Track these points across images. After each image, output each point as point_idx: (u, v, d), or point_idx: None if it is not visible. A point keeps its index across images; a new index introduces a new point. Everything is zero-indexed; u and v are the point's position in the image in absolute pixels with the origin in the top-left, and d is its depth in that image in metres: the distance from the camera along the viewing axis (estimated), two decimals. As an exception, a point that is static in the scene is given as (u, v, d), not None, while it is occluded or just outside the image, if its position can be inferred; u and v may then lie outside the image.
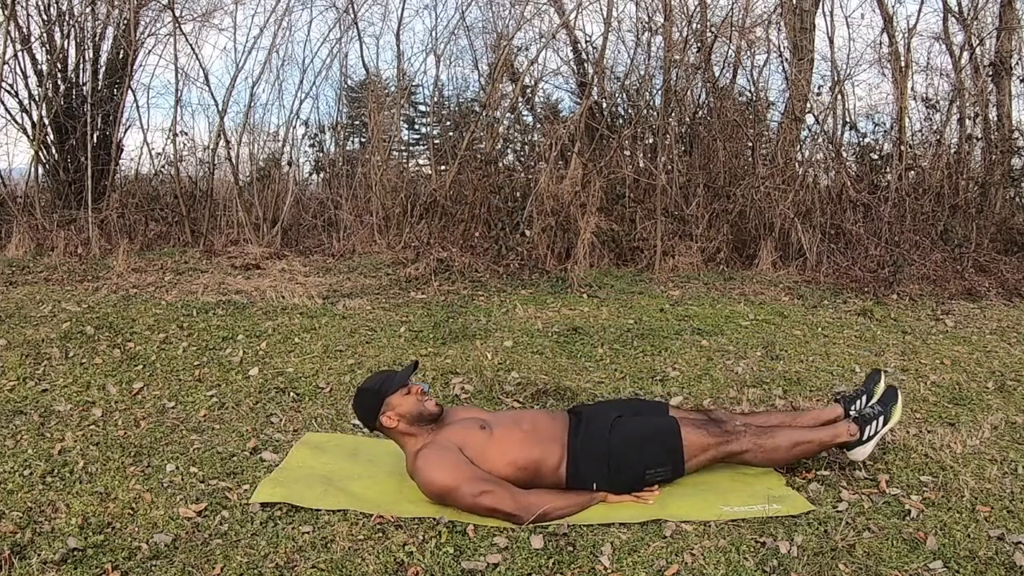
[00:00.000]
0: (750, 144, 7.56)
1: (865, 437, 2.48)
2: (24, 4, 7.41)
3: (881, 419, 2.52)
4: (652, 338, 4.14)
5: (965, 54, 7.50)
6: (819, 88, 7.64)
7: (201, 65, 9.97)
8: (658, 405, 2.65)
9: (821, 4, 7.67)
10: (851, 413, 2.60)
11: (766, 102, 7.88)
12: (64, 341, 3.87)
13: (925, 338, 4.32)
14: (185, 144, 7.82)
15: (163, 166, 7.90)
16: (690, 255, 6.28)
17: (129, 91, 7.70)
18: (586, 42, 8.38)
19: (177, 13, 7.25)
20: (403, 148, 10.50)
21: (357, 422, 2.84)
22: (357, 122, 9.19)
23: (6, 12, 7.08)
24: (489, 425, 2.35)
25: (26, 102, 7.63)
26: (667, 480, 2.37)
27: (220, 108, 7.26)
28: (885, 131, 7.34)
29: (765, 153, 7.63)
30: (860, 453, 2.50)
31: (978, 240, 6.29)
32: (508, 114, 8.06)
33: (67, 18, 7.68)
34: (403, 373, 2.42)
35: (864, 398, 2.65)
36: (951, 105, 7.36)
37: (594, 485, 2.30)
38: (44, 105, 7.46)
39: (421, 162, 9.83)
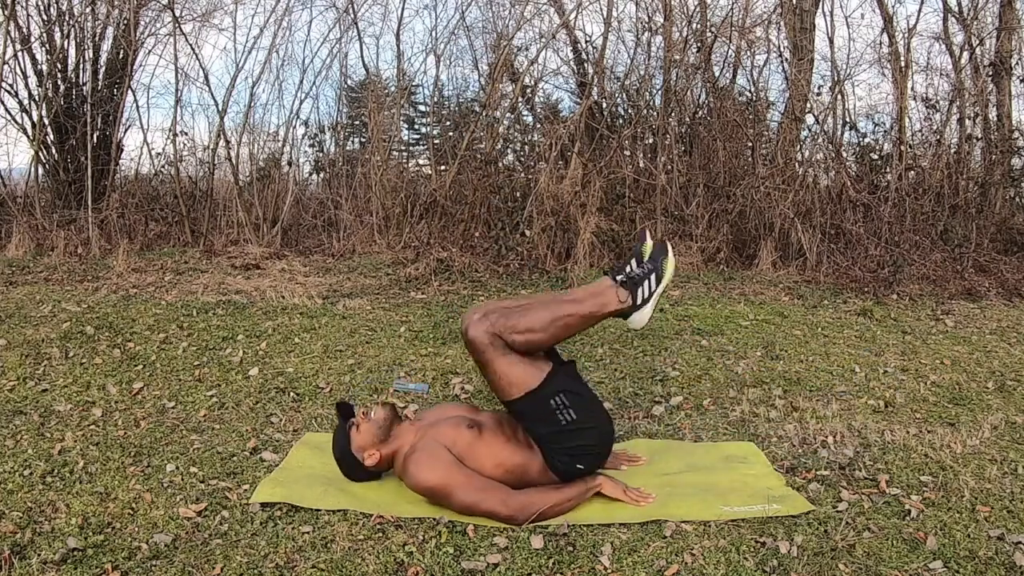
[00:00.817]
0: (750, 144, 7.57)
1: (639, 301, 2.33)
2: (24, 4, 7.42)
3: (653, 277, 2.35)
4: (652, 338, 4.14)
5: (965, 54, 7.50)
6: (819, 88, 7.65)
7: (201, 65, 9.99)
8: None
9: (821, 4, 7.67)
10: (619, 277, 2.39)
11: (766, 102, 7.88)
12: (64, 341, 3.87)
13: (925, 338, 4.32)
14: (185, 144, 7.83)
15: (163, 166, 7.91)
16: (690, 255, 6.28)
17: (129, 91, 7.70)
18: (586, 42, 8.40)
19: (177, 13, 7.26)
20: (403, 148, 10.50)
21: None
22: (357, 122, 9.19)
23: (6, 12, 7.08)
24: (478, 424, 2.33)
25: (26, 102, 7.64)
26: (568, 390, 2.25)
27: (220, 108, 7.26)
28: (885, 131, 7.34)
29: (765, 153, 7.64)
30: (638, 320, 2.36)
31: (978, 240, 6.29)
32: (508, 114, 8.06)
33: (67, 18, 7.69)
34: (341, 424, 2.40)
35: (633, 262, 2.44)
36: (951, 105, 7.36)
37: (578, 466, 2.28)
38: (44, 105, 7.46)
39: (421, 162, 9.84)
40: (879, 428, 2.87)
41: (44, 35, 7.68)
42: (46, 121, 7.54)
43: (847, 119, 7.48)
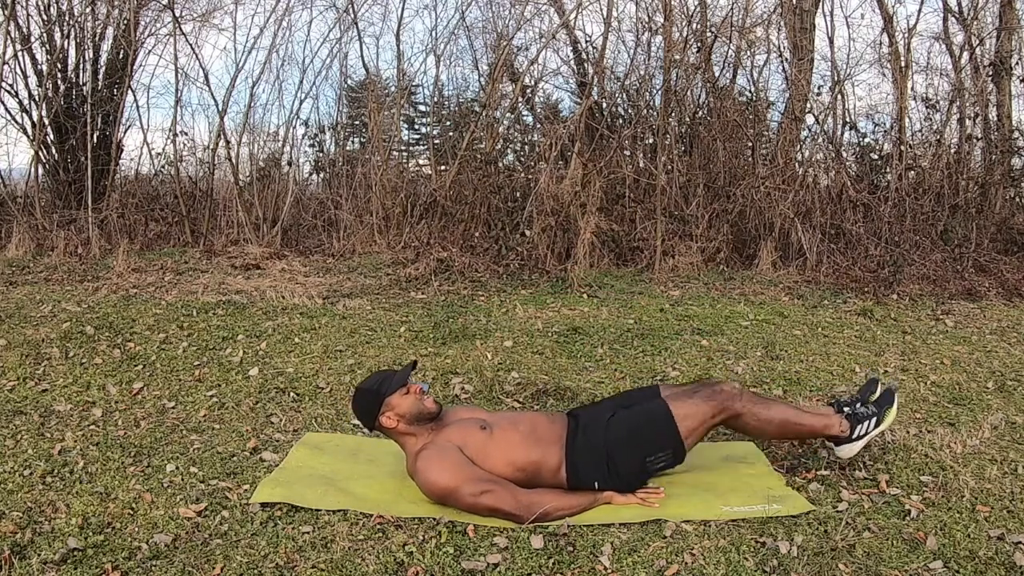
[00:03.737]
0: (750, 144, 7.57)
1: (855, 436, 2.46)
2: (24, 4, 7.41)
3: (874, 420, 2.50)
4: (652, 338, 4.14)
5: (965, 54, 7.50)
6: (819, 88, 7.65)
7: (201, 65, 9.97)
8: (650, 390, 2.59)
9: (821, 4, 7.67)
10: (845, 408, 2.57)
11: (766, 102, 7.88)
12: (64, 341, 3.87)
13: (925, 338, 4.32)
14: (185, 144, 7.83)
15: (163, 166, 7.91)
16: (690, 255, 6.28)
17: (129, 91, 7.70)
18: (586, 42, 8.39)
19: (177, 13, 7.26)
20: (403, 148, 10.50)
21: (357, 422, 2.84)
22: (357, 122, 9.19)
23: (6, 12, 7.08)
24: (489, 425, 2.34)
25: (26, 102, 7.64)
26: (670, 464, 2.35)
27: (220, 108, 7.26)
28: (885, 131, 7.35)
29: (765, 153, 7.64)
30: (847, 451, 2.49)
31: (978, 240, 6.29)
32: (508, 114, 8.06)
33: (67, 18, 7.69)
34: (402, 373, 2.41)
35: (858, 404, 2.63)
36: (951, 105, 7.36)
37: (595, 484, 2.30)
38: (44, 105, 7.46)
39: (421, 162, 9.83)
40: (879, 428, 2.87)
41: (44, 35, 7.68)
42: (46, 121, 7.54)
43: (847, 119, 7.48)
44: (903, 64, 7.39)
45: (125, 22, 7.59)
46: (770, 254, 6.36)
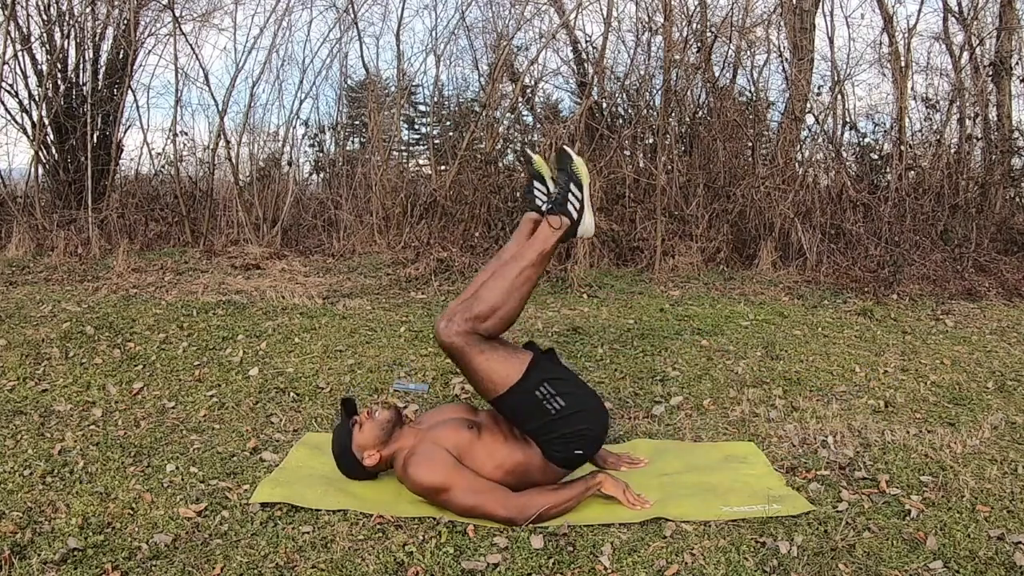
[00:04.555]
0: (750, 144, 7.57)
1: (575, 215, 2.33)
2: (24, 4, 7.42)
3: (571, 185, 2.33)
4: (652, 338, 4.14)
5: (965, 54, 7.50)
6: (819, 88, 7.65)
7: (201, 65, 9.99)
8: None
9: (821, 4, 7.67)
10: (542, 207, 2.39)
11: (766, 102, 7.89)
12: (64, 341, 3.87)
13: (925, 338, 4.32)
14: (185, 144, 7.84)
15: (163, 166, 7.92)
16: (690, 255, 6.29)
17: (129, 91, 7.71)
18: (586, 42, 8.40)
19: (177, 13, 7.26)
20: (403, 148, 10.50)
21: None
22: (357, 122, 9.20)
23: (6, 12, 7.08)
24: (477, 425, 2.32)
25: (26, 102, 7.65)
26: (550, 377, 2.23)
27: (220, 108, 7.26)
28: (885, 131, 7.36)
29: (765, 153, 7.64)
30: (586, 230, 2.35)
31: (978, 240, 6.29)
32: (508, 114, 8.06)
33: (67, 18, 7.69)
34: (344, 420, 2.38)
35: (544, 186, 2.46)
36: (951, 105, 7.36)
37: (577, 453, 2.26)
38: (44, 105, 7.46)
39: (421, 162, 9.84)
40: (879, 428, 2.87)
41: (44, 35, 7.68)
42: (46, 121, 7.54)
43: (847, 119, 7.48)
44: (903, 64, 7.39)
45: (125, 22, 7.59)
46: (770, 254, 6.36)
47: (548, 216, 2.33)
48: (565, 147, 2.40)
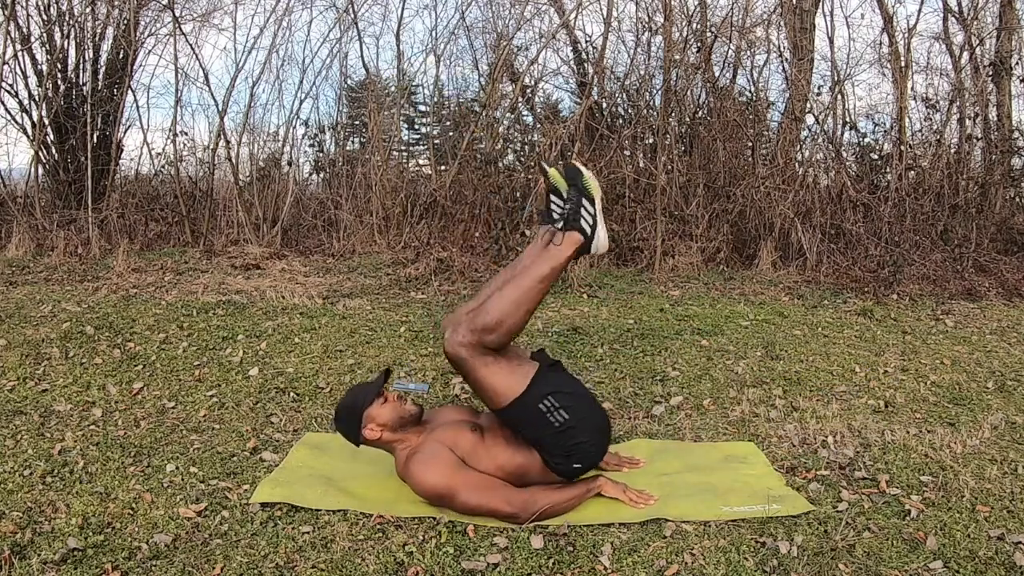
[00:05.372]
0: (750, 144, 7.57)
1: (588, 231, 2.32)
2: (24, 4, 7.42)
3: (583, 200, 2.32)
4: (652, 338, 4.14)
5: (965, 54, 7.50)
6: (819, 88, 7.65)
7: (201, 65, 10.00)
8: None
9: (821, 4, 7.67)
10: (558, 222, 2.36)
11: (766, 102, 7.89)
12: (64, 341, 3.87)
13: (925, 338, 4.32)
14: (185, 144, 7.84)
15: (163, 166, 7.92)
16: (690, 255, 6.29)
17: (129, 91, 7.71)
18: (586, 42, 8.40)
19: (177, 13, 7.26)
20: (403, 148, 10.51)
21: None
22: (357, 122, 9.20)
23: (6, 12, 7.08)
24: (480, 427, 2.32)
25: (26, 102, 7.65)
26: (556, 390, 2.23)
27: (220, 108, 7.26)
28: (885, 131, 7.36)
29: (765, 153, 7.64)
30: (600, 245, 2.34)
31: (978, 240, 6.29)
32: (508, 114, 8.06)
33: (67, 18, 7.69)
34: (376, 383, 2.37)
35: (557, 201, 2.42)
36: (951, 105, 7.36)
37: (576, 466, 2.27)
38: (44, 105, 7.46)
39: (421, 162, 9.84)
40: (879, 428, 2.87)
41: (44, 35, 7.68)
42: (46, 121, 7.54)
43: (847, 119, 7.48)
44: (903, 64, 7.39)
45: (125, 22, 7.59)
46: (770, 254, 6.36)
47: (561, 233, 2.32)
48: (575, 162, 2.39)
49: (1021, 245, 6.58)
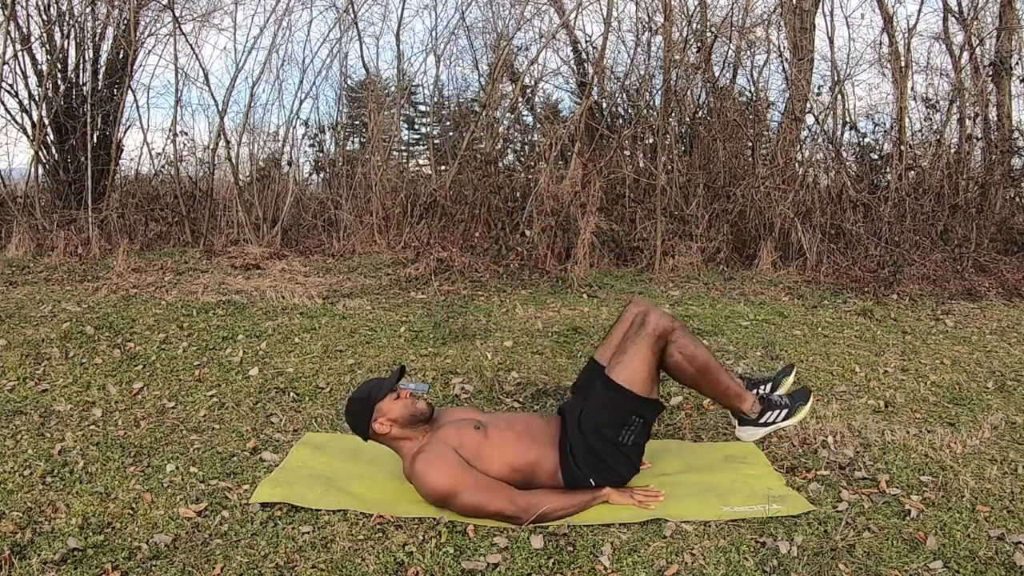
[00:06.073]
0: (750, 144, 7.57)
1: (762, 420, 2.41)
2: (24, 4, 7.42)
3: (785, 411, 2.43)
4: (652, 338, 4.14)
5: (965, 54, 7.50)
6: (819, 88, 7.65)
7: (201, 65, 10.00)
8: (592, 369, 2.50)
9: (821, 4, 7.67)
10: (756, 391, 2.51)
11: (766, 102, 7.89)
12: (64, 341, 3.87)
13: (925, 338, 4.32)
14: (185, 144, 7.83)
15: (163, 166, 7.92)
16: (690, 255, 6.29)
17: (129, 91, 7.70)
18: (586, 42, 8.40)
19: (177, 13, 7.26)
20: (403, 148, 10.51)
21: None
22: (357, 122, 9.20)
23: (6, 12, 7.08)
24: (484, 426, 2.33)
25: (26, 102, 7.64)
26: (649, 422, 2.32)
27: (220, 108, 7.26)
28: (885, 131, 7.36)
29: (765, 153, 7.64)
30: (749, 434, 2.43)
31: (978, 240, 6.29)
32: (508, 114, 8.06)
33: (67, 18, 7.69)
34: (391, 378, 2.38)
35: (769, 385, 2.57)
36: (951, 105, 7.36)
37: (591, 481, 2.29)
38: (44, 105, 7.46)
39: (421, 162, 9.84)
40: (879, 428, 2.87)
41: (44, 35, 7.68)
42: (46, 121, 7.54)
43: (847, 119, 7.49)
44: (903, 64, 7.39)
45: (125, 22, 7.59)
46: (770, 254, 6.36)
47: (757, 400, 2.43)
48: (811, 393, 2.52)
49: (1021, 245, 6.58)
